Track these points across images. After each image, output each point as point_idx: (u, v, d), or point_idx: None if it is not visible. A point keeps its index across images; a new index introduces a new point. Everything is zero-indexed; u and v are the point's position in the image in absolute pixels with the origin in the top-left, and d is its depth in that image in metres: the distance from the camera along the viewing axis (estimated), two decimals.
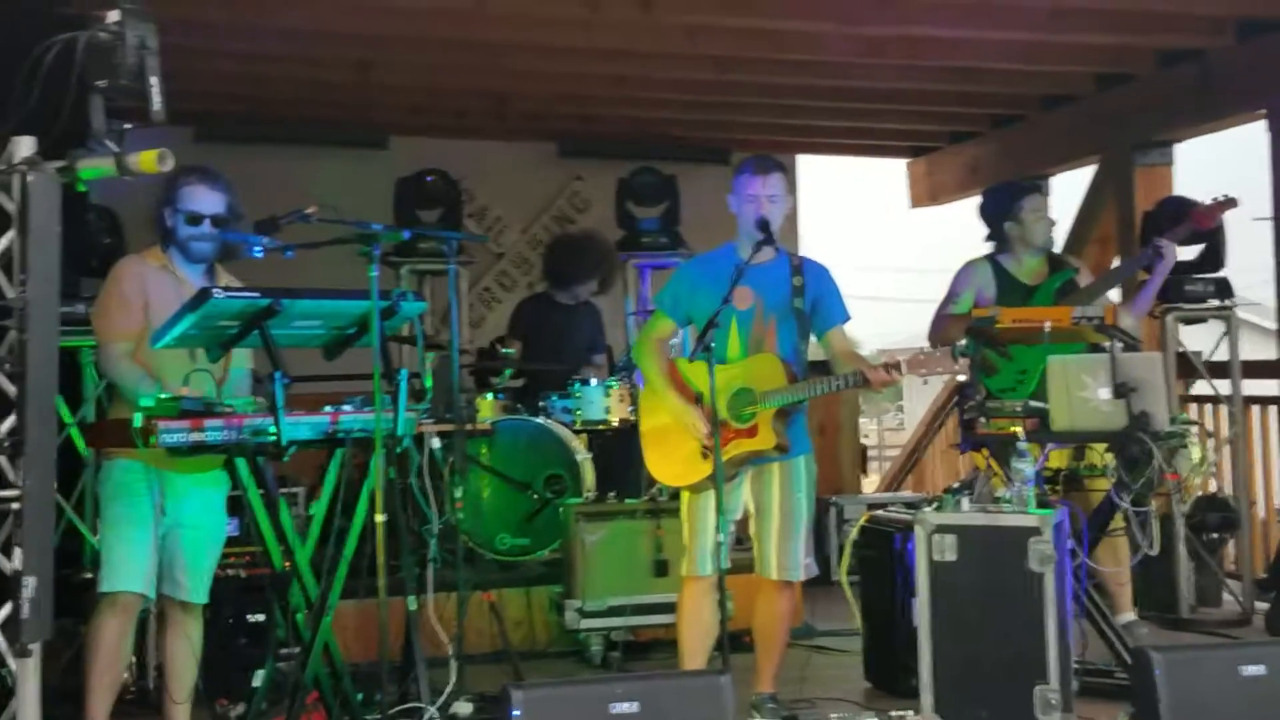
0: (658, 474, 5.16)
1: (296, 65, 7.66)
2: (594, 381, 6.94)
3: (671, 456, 4.98)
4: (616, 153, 9.22)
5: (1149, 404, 5.06)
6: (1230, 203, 6.32)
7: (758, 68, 7.78)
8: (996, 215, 6.20)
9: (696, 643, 4.93)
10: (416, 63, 7.68)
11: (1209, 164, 8.81)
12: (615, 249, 8.14)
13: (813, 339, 5.09)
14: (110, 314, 4.54)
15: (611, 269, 7.86)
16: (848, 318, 5.08)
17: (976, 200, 6.42)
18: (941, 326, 6.04)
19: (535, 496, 6.72)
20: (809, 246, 8.99)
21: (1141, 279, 6.26)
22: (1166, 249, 6.01)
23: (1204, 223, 6.38)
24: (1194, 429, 5.72)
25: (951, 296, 6.19)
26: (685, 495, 4.98)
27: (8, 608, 3.45)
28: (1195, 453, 5.42)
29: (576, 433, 6.86)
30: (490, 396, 6.87)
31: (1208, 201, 6.32)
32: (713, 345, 4.67)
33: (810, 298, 4.96)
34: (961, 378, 5.19)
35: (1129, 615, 5.83)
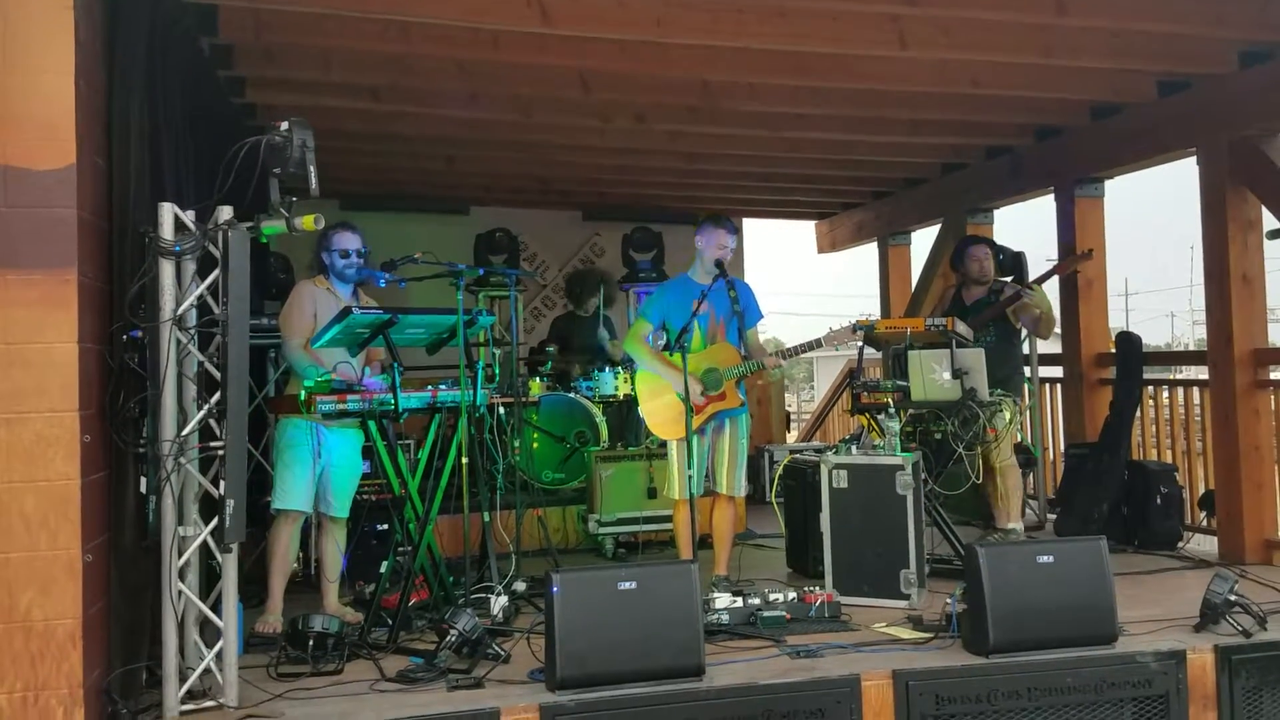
0: (656, 431, 5.12)
1: (406, 158, 7.63)
2: (606, 369, 6.93)
3: (665, 418, 4.97)
4: (622, 217, 9.16)
5: (976, 383, 5.08)
6: (1087, 255, 6.39)
7: (716, 160, 7.74)
8: (955, 260, 6.28)
9: (686, 541, 4.94)
10: (486, 156, 7.63)
11: (1019, 223, 8.79)
12: (613, 276, 8.11)
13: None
14: (291, 319, 4.55)
15: (609, 289, 7.78)
16: (761, 317, 5.12)
17: (863, 247, 6.39)
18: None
19: (568, 445, 6.71)
20: (751, 278, 8.95)
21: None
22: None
23: (1062, 272, 6.42)
24: (1006, 399, 5.70)
25: (932, 301, 6.35)
26: (672, 444, 4.96)
27: (215, 520, 3.47)
28: (1007, 414, 5.44)
29: (595, 403, 6.84)
30: (538, 379, 6.86)
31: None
32: (687, 345, 4.74)
33: (741, 303, 4.97)
34: (857, 344, 5.23)
35: (1013, 524, 5.61)
